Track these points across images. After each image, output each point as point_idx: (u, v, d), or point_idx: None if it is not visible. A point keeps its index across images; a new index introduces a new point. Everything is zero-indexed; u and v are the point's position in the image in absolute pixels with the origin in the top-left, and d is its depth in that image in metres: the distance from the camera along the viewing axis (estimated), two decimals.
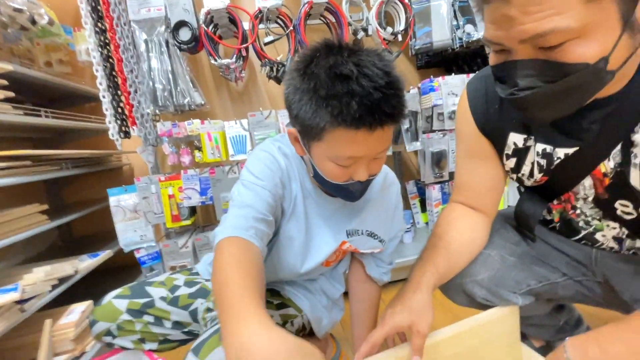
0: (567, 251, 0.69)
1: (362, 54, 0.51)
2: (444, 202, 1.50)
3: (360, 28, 1.33)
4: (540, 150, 0.59)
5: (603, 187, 0.56)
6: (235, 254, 0.49)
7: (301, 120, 0.53)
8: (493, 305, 0.68)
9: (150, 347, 0.75)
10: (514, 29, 0.42)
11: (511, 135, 0.62)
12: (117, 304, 0.73)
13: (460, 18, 1.36)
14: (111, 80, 1.20)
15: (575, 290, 0.70)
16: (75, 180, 1.64)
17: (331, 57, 0.50)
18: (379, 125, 0.50)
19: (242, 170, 0.66)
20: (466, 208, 0.70)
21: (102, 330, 0.72)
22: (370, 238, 0.74)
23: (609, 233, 0.61)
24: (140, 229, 1.28)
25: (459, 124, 0.70)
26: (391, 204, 0.76)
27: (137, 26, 1.16)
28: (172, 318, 0.75)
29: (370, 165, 0.57)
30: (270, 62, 1.26)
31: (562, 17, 0.39)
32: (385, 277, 0.81)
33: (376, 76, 0.49)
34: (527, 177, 0.64)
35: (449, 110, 1.35)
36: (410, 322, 0.55)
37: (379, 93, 0.48)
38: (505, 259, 0.69)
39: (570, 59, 0.42)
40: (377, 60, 0.50)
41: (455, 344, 0.62)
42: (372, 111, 0.49)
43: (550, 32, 0.40)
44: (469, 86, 0.67)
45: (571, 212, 0.64)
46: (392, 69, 0.51)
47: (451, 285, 0.70)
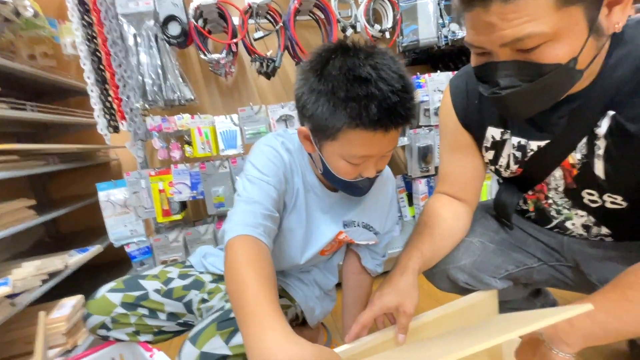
0: (541, 238, 0.74)
1: (377, 57, 0.53)
2: (430, 196, 1.54)
3: (348, 25, 1.35)
4: (516, 143, 0.64)
5: (572, 178, 0.61)
6: (249, 255, 0.51)
7: (316, 120, 0.55)
8: (474, 290, 0.73)
9: (146, 339, 0.77)
10: (494, 35, 0.47)
11: (489, 129, 0.67)
12: (111, 297, 0.74)
13: (445, 16, 1.40)
14: (99, 74, 1.19)
15: (550, 274, 0.75)
16: (61, 176, 1.61)
17: (348, 60, 0.53)
18: (394, 127, 0.54)
19: (246, 164, 0.68)
20: (449, 198, 0.75)
21: (96, 323, 0.73)
22: (366, 230, 0.77)
23: (578, 221, 0.66)
24: (131, 223, 1.27)
25: (442, 118, 0.74)
26: (387, 199, 0.79)
27: (126, 20, 1.15)
28: (167, 310, 0.77)
29: (379, 163, 0.60)
30: (260, 57, 1.27)
31: (537, 23, 0.44)
32: (379, 269, 0.84)
33: (392, 79, 0.52)
34: (504, 169, 0.69)
35: (435, 107, 1.39)
36: (397, 303, 0.59)
37: (396, 96, 0.51)
38: (486, 245, 0.74)
39: (545, 59, 0.47)
40: (392, 64, 0.53)
41: (438, 326, 0.66)
42: (389, 114, 0.52)
43: (527, 37, 0.45)
44: (451, 83, 0.72)
45: (544, 202, 0.69)
46: (405, 73, 0.55)
47: (436, 271, 0.74)
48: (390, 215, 0.81)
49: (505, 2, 0.43)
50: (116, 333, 0.74)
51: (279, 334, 0.41)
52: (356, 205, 0.76)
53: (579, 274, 0.71)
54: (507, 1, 0.43)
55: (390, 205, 0.80)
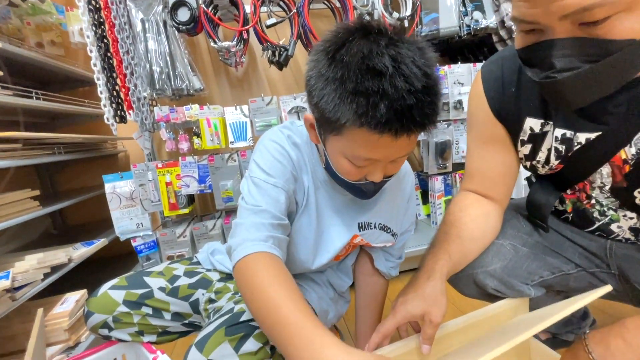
0: (580, 242, 0.67)
1: (402, 45, 0.44)
2: (447, 194, 1.47)
3: (365, 13, 1.28)
4: (560, 135, 0.56)
5: (622, 175, 0.54)
6: (269, 272, 0.48)
7: (321, 110, 0.47)
8: (503, 297, 0.67)
9: (149, 340, 0.72)
10: (555, 4, 0.39)
11: (527, 120, 0.60)
12: (113, 295, 0.69)
13: (468, 4, 1.32)
14: (106, 61, 1.15)
15: (588, 281, 0.68)
16: (68, 167, 1.59)
17: (366, 45, 0.44)
18: (405, 133, 0.45)
19: (250, 163, 0.62)
20: (478, 196, 0.68)
21: (98, 322, 0.68)
22: (383, 232, 0.71)
23: (626, 224, 0.59)
24: (137, 217, 1.24)
25: (472, 109, 0.67)
26: (405, 196, 0.72)
27: (134, 5, 1.11)
28: (172, 309, 0.72)
29: (388, 167, 0.53)
30: (272, 46, 1.22)
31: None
32: (393, 272, 0.78)
33: (413, 76, 0.42)
34: (542, 165, 0.62)
35: (454, 100, 1.32)
36: (423, 311, 0.53)
37: (412, 98, 0.42)
38: (518, 249, 0.68)
39: (615, 35, 0.38)
40: (418, 57, 0.44)
41: (464, 336, 0.61)
42: (401, 117, 0.43)
43: (597, 5, 0.37)
44: (483, 69, 0.64)
45: (586, 202, 0.62)
46: (433, 69, 0.45)
47: (462, 276, 0.68)
48: (408, 213, 0.74)
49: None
50: (118, 333, 0.70)
51: (336, 349, 0.40)
52: (372, 205, 0.68)
53: (623, 282, 0.64)
54: None
55: (408, 203, 0.74)
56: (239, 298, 0.68)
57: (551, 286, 0.69)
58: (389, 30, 0.47)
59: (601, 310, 0.98)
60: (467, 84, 1.32)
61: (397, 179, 0.70)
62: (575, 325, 0.84)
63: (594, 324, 0.87)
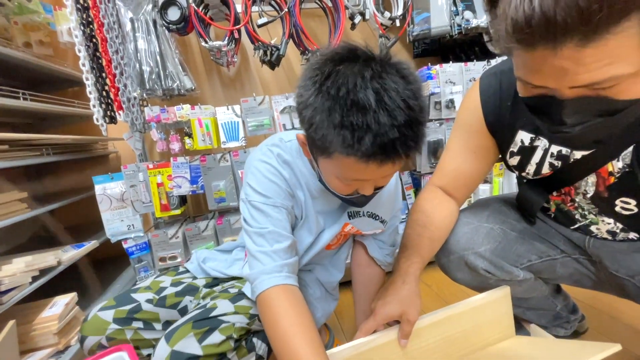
0: (563, 232, 0.70)
1: (387, 77, 0.46)
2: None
3: (357, 12, 1.29)
4: (556, 152, 0.59)
5: (605, 186, 0.58)
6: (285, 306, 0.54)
7: (311, 135, 0.50)
8: (495, 278, 0.70)
9: (147, 352, 0.71)
10: (565, 78, 0.39)
11: (520, 133, 0.62)
12: (103, 315, 0.69)
13: (459, 4, 1.33)
14: (95, 61, 1.13)
15: (573, 267, 0.71)
16: (57, 168, 1.57)
17: (351, 77, 0.45)
18: (390, 162, 0.48)
19: (244, 186, 0.64)
20: (444, 194, 0.72)
21: (93, 344, 0.68)
22: (372, 219, 0.74)
23: (604, 227, 0.63)
24: (128, 218, 1.23)
25: (464, 115, 0.69)
26: (391, 184, 0.75)
27: (123, 4, 1.10)
28: (162, 318, 0.72)
29: (378, 182, 0.56)
30: (264, 45, 1.21)
31: (620, 65, 0.37)
32: (388, 259, 0.80)
33: (397, 110, 0.44)
34: (531, 176, 0.65)
35: (446, 99, 1.33)
36: (401, 312, 0.58)
37: (395, 132, 0.45)
38: (507, 233, 0.71)
39: (623, 96, 0.40)
40: (402, 88, 0.46)
41: (447, 327, 0.63)
42: (384, 150, 0.45)
43: (608, 80, 0.38)
44: (482, 81, 0.66)
45: (569, 205, 0.66)
46: (418, 99, 0.47)
47: (453, 258, 0.71)
48: (395, 201, 0.78)
49: (582, 46, 0.35)
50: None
51: None
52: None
53: (603, 269, 0.67)
54: (584, 45, 0.35)
55: (395, 189, 0.77)
56: (217, 294, 0.71)
57: (539, 271, 0.72)
58: (376, 56, 0.48)
59: (590, 306, 1.00)
60: (458, 83, 1.32)
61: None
62: (564, 319, 0.85)
63: (582, 319, 0.88)
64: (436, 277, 1.26)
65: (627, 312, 0.95)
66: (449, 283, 0.76)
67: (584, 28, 0.34)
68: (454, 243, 0.71)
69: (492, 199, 0.80)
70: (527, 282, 0.72)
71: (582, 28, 0.34)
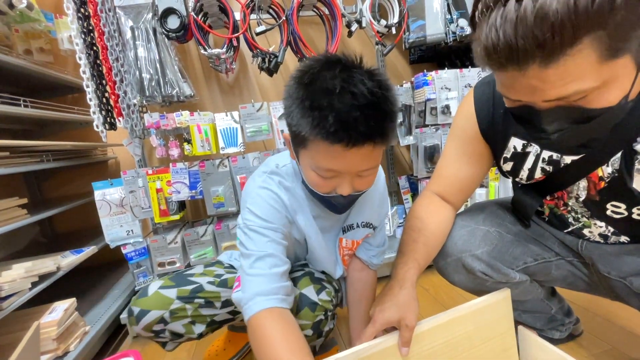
0: (557, 235, 0.72)
1: (355, 71, 0.52)
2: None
3: (354, 20, 1.31)
4: (547, 157, 0.61)
5: (596, 190, 0.60)
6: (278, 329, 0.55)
7: (289, 125, 0.56)
8: (491, 281, 0.71)
9: (199, 330, 0.77)
10: (536, 94, 0.43)
11: (512, 139, 0.64)
12: (165, 293, 0.74)
13: (453, 12, 1.35)
14: (95, 68, 1.15)
15: (568, 270, 0.72)
16: (57, 174, 1.58)
17: (324, 71, 0.52)
18: (353, 144, 0.50)
19: (244, 211, 0.67)
20: (441, 200, 0.74)
21: (153, 319, 0.72)
22: (366, 228, 0.77)
23: (596, 230, 0.65)
24: (127, 224, 1.23)
25: (460, 123, 0.71)
26: (379, 190, 0.78)
27: (123, 13, 1.12)
28: (223, 297, 0.78)
29: (355, 182, 0.58)
30: (262, 52, 1.23)
31: (582, 81, 0.40)
32: (374, 260, 0.82)
33: (359, 94, 0.49)
34: (525, 181, 0.66)
35: (442, 105, 1.35)
36: (399, 317, 0.58)
37: (357, 111, 0.49)
38: (503, 235, 0.72)
39: (594, 105, 0.43)
40: (367, 79, 0.51)
41: (448, 331, 0.63)
42: (347, 128, 0.49)
43: (573, 94, 0.42)
44: (476, 90, 0.68)
45: (562, 209, 0.67)
46: (384, 90, 0.51)
47: (450, 261, 0.72)
48: (384, 205, 0.80)
49: (545, 67, 0.40)
50: (174, 325, 0.74)
51: None
52: (354, 207, 0.75)
53: (595, 271, 0.68)
54: (546, 66, 0.40)
55: (382, 195, 0.79)
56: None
57: (535, 274, 0.74)
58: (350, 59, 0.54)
59: (584, 308, 1.01)
60: (454, 89, 1.35)
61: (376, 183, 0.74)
62: (559, 322, 0.86)
63: (577, 322, 0.89)
64: (433, 281, 1.27)
65: (621, 314, 0.96)
66: (446, 286, 0.77)
67: (541, 52, 0.39)
68: (451, 245, 0.72)
69: (488, 203, 0.81)
70: (523, 285, 0.74)
71: (539, 52, 0.39)
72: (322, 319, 0.70)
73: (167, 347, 0.80)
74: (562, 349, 0.63)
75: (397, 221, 1.54)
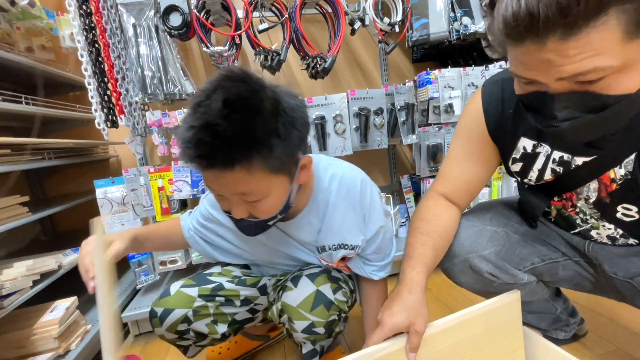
0: (563, 236, 0.71)
1: (225, 82, 0.50)
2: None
3: (357, 18, 1.30)
4: (558, 157, 0.59)
5: (607, 192, 0.58)
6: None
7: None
8: (499, 281, 0.69)
9: (222, 330, 0.77)
10: (552, 70, 0.42)
11: (522, 140, 0.63)
12: (187, 291, 0.75)
13: (457, 10, 1.34)
14: (97, 66, 1.14)
15: (574, 270, 0.71)
16: (58, 172, 1.57)
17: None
18: (203, 166, 0.50)
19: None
20: (446, 201, 0.72)
21: (178, 317, 0.73)
22: (342, 250, 0.73)
23: (604, 232, 0.63)
24: (129, 222, 1.23)
25: (466, 122, 0.69)
26: (356, 204, 0.71)
27: (125, 10, 1.11)
28: (242, 295, 0.79)
29: (248, 207, 0.56)
30: (264, 50, 1.22)
31: (603, 57, 0.39)
32: (374, 275, 0.78)
33: (203, 119, 0.48)
34: (534, 182, 0.65)
35: (445, 104, 1.34)
36: (408, 322, 0.56)
37: (194, 136, 0.48)
38: (510, 236, 0.71)
39: (611, 91, 0.42)
40: (223, 102, 0.48)
41: (458, 333, 0.62)
42: (186, 151, 0.49)
43: (592, 71, 0.40)
44: (484, 89, 0.67)
45: (570, 210, 0.66)
46: (232, 112, 0.47)
47: (457, 262, 0.70)
48: (372, 220, 0.73)
49: (565, 39, 0.38)
50: (197, 325, 0.75)
51: None
52: (325, 232, 0.71)
53: (602, 272, 0.67)
54: (566, 38, 0.38)
55: (363, 210, 0.72)
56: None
57: (542, 274, 0.72)
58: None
59: (589, 309, 1.00)
60: (457, 88, 1.34)
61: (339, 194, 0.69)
62: (564, 322, 0.85)
63: (582, 322, 0.89)
64: (437, 281, 1.26)
65: (625, 315, 0.95)
66: (449, 286, 0.76)
67: (564, 22, 0.37)
68: (458, 246, 0.70)
69: (493, 202, 0.80)
70: (530, 286, 0.72)
71: (562, 22, 0.37)
72: (335, 319, 0.70)
73: (189, 352, 0.79)
74: (567, 349, 0.62)
75: (399, 220, 1.53)
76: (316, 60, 1.26)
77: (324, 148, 1.29)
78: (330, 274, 0.75)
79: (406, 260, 0.65)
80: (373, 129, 1.34)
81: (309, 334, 0.68)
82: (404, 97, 1.36)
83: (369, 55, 1.66)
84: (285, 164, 0.54)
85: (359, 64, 1.67)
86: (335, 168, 0.70)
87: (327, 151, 1.29)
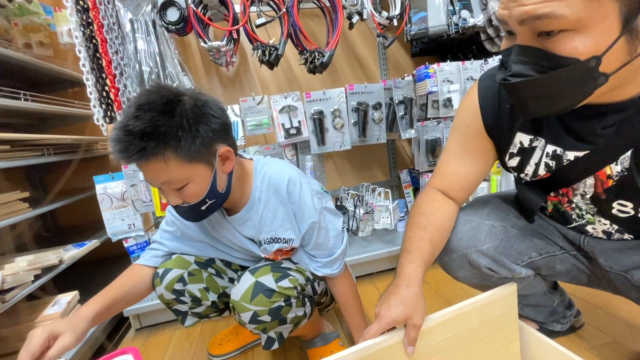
0: (559, 229, 0.71)
1: (150, 95, 0.60)
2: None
3: (355, 12, 1.29)
4: (550, 151, 0.60)
5: (603, 188, 0.58)
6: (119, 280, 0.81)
7: None
8: (497, 275, 0.70)
9: (212, 297, 0.82)
10: (516, 9, 0.43)
11: (518, 135, 0.63)
12: (185, 257, 0.82)
13: (456, 3, 1.34)
14: (95, 62, 1.14)
15: (571, 264, 0.72)
16: (58, 168, 1.58)
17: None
18: (125, 160, 0.59)
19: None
20: (444, 196, 0.72)
21: (175, 277, 0.78)
22: (276, 243, 0.79)
23: (600, 227, 0.64)
24: (129, 217, 1.24)
25: (462, 118, 0.69)
26: (285, 201, 0.76)
27: (122, 5, 1.11)
28: (229, 274, 0.87)
29: (177, 194, 0.64)
30: (262, 45, 1.22)
31: (560, 4, 0.40)
32: (318, 271, 0.80)
33: (129, 117, 0.57)
34: (530, 177, 0.65)
35: (443, 98, 1.34)
36: (406, 316, 0.56)
37: (118, 132, 0.58)
38: (508, 230, 0.71)
39: (562, 51, 0.43)
40: (130, 111, 0.58)
41: (455, 326, 0.62)
42: (112, 150, 0.59)
43: (546, 16, 0.41)
44: (480, 83, 0.67)
45: (566, 205, 0.66)
46: (140, 111, 0.57)
47: (455, 257, 0.71)
48: (303, 217, 0.76)
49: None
50: (191, 287, 0.79)
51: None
52: (258, 227, 0.77)
53: (597, 266, 0.68)
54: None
55: (295, 209, 0.76)
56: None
57: (539, 268, 0.73)
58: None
59: (585, 301, 1.01)
60: (455, 82, 1.33)
61: (269, 191, 0.76)
62: (561, 315, 0.86)
63: (578, 314, 0.89)
64: (435, 274, 1.27)
65: (622, 307, 0.96)
66: (448, 280, 0.76)
67: None
68: (456, 241, 0.70)
69: (491, 196, 0.80)
70: (527, 279, 0.73)
71: None
72: (281, 305, 0.72)
73: (187, 322, 0.83)
74: (563, 341, 0.63)
75: (397, 215, 1.54)
76: (314, 55, 1.25)
77: (322, 143, 1.29)
78: (279, 265, 0.77)
79: (404, 254, 0.65)
80: (372, 123, 1.34)
81: (256, 323, 0.71)
82: (402, 92, 1.35)
83: (367, 50, 1.66)
84: (200, 153, 0.62)
85: (358, 59, 1.67)
86: (268, 168, 0.77)
87: (326, 146, 1.30)
